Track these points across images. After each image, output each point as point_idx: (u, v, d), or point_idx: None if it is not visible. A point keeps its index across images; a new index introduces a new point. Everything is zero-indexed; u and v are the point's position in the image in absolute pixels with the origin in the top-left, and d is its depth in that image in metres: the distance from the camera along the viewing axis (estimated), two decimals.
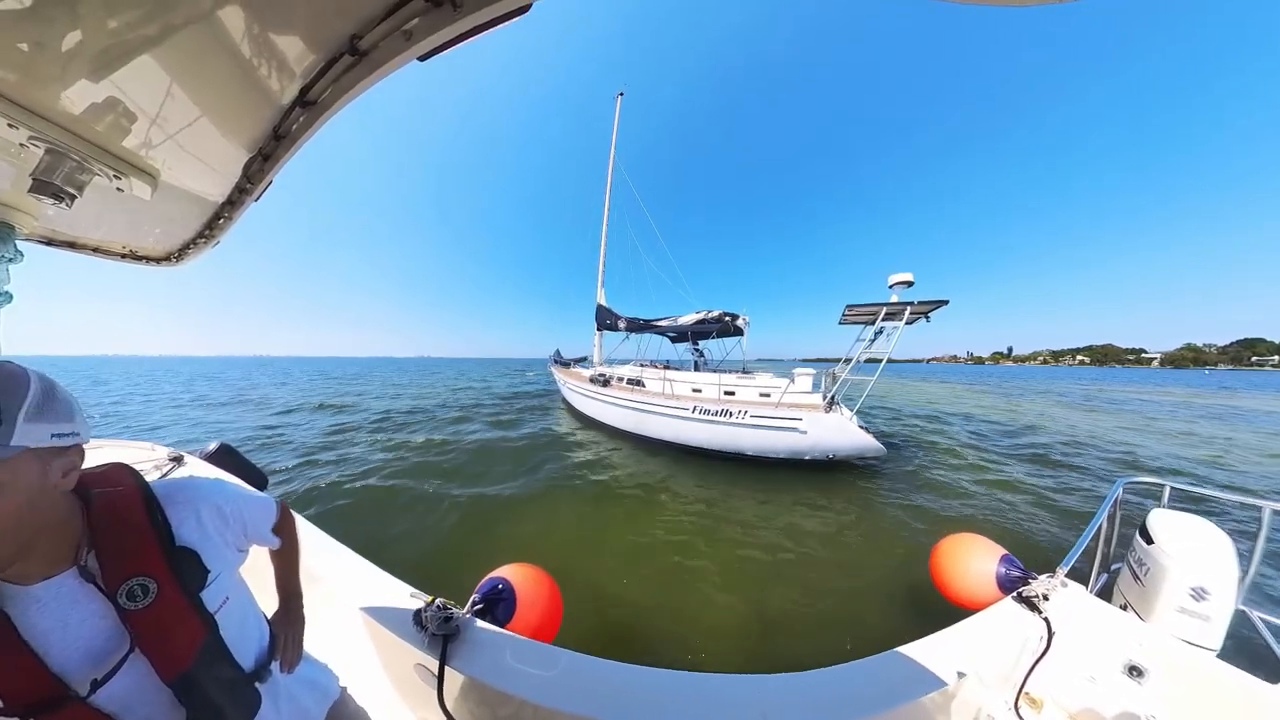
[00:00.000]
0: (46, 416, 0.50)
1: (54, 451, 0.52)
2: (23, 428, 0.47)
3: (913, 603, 2.80)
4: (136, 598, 0.57)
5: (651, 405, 7.34)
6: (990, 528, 4.13)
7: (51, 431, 0.50)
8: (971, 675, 1.13)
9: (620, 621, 2.65)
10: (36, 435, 0.48)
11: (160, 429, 9.30)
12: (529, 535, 3.94)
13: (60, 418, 0.52)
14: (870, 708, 0.96)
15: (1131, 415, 14.07)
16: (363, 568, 1.44)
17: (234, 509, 0.71)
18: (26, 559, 0.52)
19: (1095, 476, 6.11)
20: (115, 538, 0.58)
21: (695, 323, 8.66)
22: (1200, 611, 1.48)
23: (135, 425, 9.84)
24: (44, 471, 0.50)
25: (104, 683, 0.54)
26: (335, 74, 0.68)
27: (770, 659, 2.38)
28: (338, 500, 4.62)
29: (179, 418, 10.77)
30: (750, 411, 6.16)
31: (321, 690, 0.88)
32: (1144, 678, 1.19)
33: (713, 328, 8.59)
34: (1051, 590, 1.35)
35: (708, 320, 8.50)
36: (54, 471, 0.52)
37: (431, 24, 0.60)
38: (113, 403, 14.05)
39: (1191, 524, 1.60)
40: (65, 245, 1.13)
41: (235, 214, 1.05)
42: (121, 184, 0.78)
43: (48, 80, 0.57)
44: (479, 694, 1.04)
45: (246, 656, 0.72)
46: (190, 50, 0.59)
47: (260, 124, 0.77)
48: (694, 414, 6.64)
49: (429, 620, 1.10)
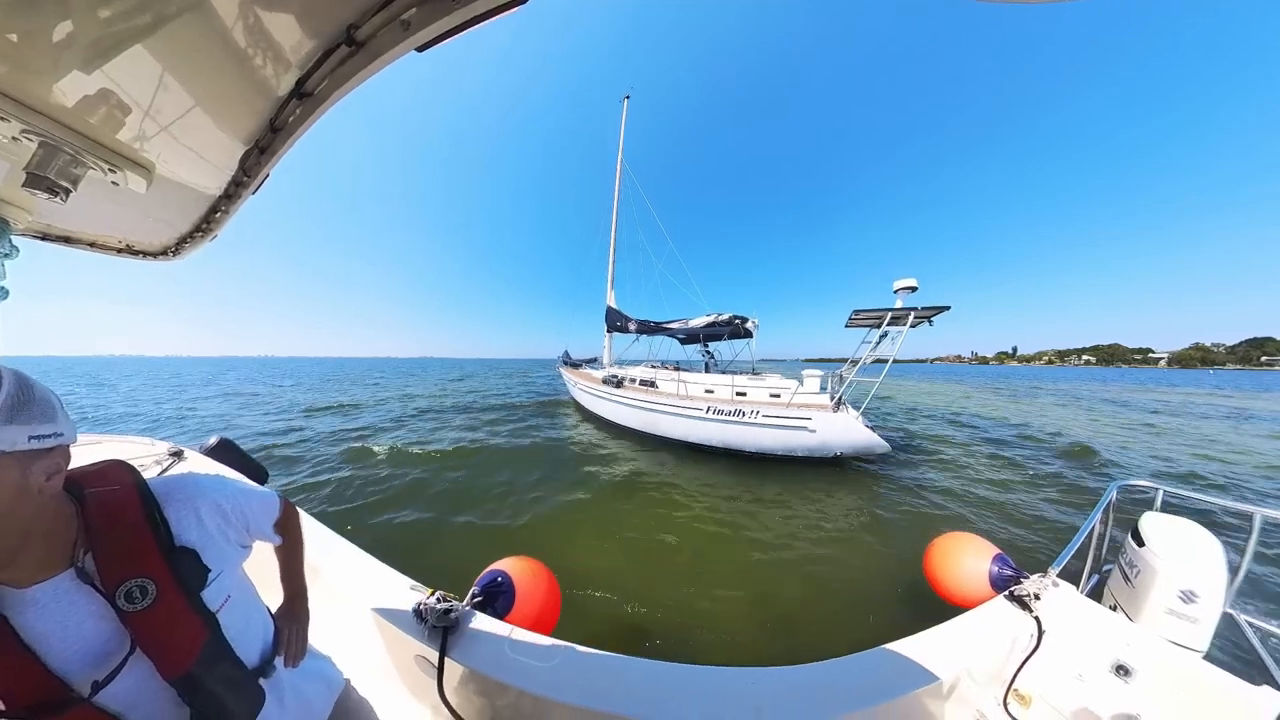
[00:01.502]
0: (22, 418, 0.48)
1: (34, 454, 0.49)
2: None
3: (910, 599, 2.84)
4: (135, 599, 0.56)
5: (665, 405, 7.54)
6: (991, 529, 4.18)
7: (29, 434, 0.48)
8: (962, 672, 1.16)
9: (636, 610, 2.72)
10: (11, 438, 0.47)
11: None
12: (542, 529, 4.02)
13: (39, 418, 0.50)
14: (864, 701, 0.98)
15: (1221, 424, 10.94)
16: (363, 560, 1.46)
17: (235, 505, 0.70)
18: (16, 564, 0.51)
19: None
20: (112, 538, 0.57)
21: (706, 325, 8.85)
22: (1188, 614, 1.50)
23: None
24: (23, 476, 0.48)
25: (106, 684, 0.54)
26: (332, 64, 0.67)
27: (775, 649, 2.43)
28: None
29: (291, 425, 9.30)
30: (762, 411, 6.37)
31: (325, 683, 0.89)
32: (1131, 677, 1.21)
33: (724, 330, 8.73)
34: (1043, 590, 1.37)
35: (718, 323, 8.67)
36: (35, 475, 0.50)
37: (429, 13, 0.58)
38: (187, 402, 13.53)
39: (1183, 528, 1.62)
40: (61, 240, 1.12)
41: (232, 207, 1.03)
42: (116, 178, 0.77)
43: (39, 72, 0.56)
44: (478, 685, 1.06)
45: (250, 652, 0.72)
46: (184, 40, 0.57)
47: (256, 116, 0.75)
48: (708, 414, 6.86)
49: (429, 612, 1.11)
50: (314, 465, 6.06)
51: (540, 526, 4.05)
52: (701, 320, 9.02)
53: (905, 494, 5.14)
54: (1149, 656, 1.21)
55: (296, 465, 6.06)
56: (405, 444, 7.38)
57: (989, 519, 4.41)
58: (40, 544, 0.52)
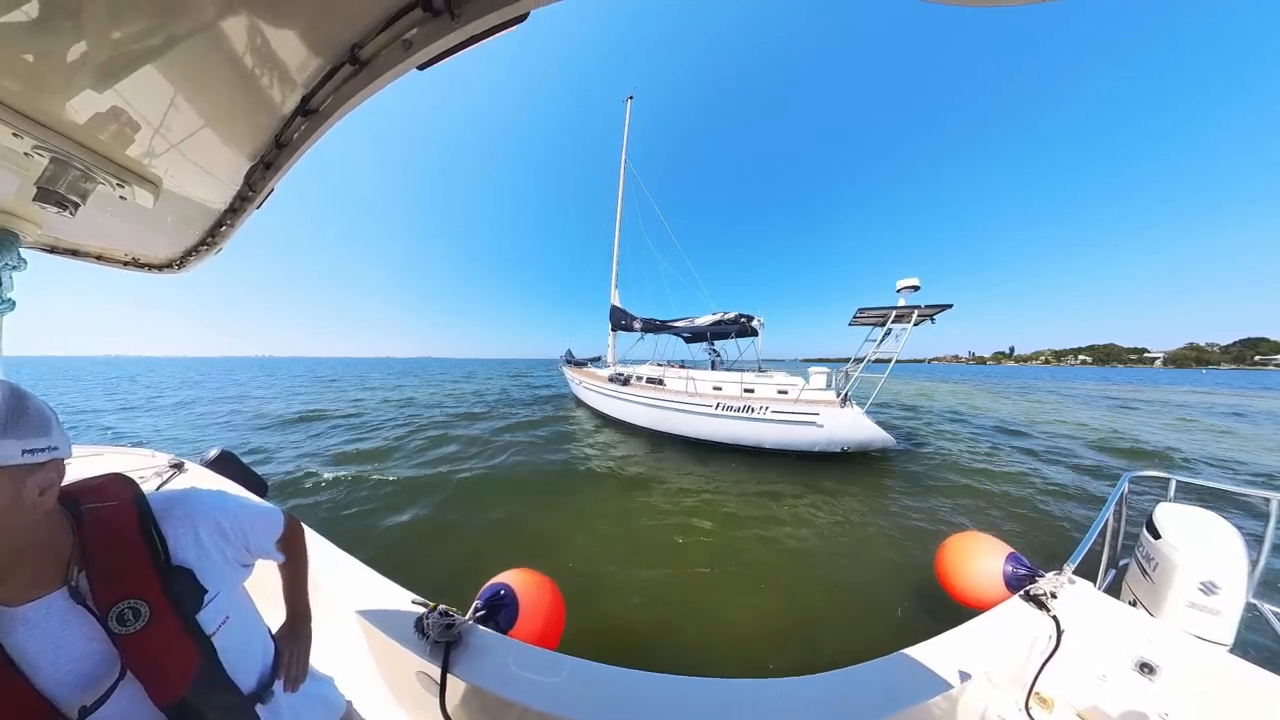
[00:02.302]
0: (15, 431, 0.47)
1: (27, 469, 0.48)
2: None
3: (920, 600, 2.78)
4: (128, 621, 0.54)
5: (675, 403, 7.64)
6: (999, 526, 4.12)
7: (23, 448, 0.47)
8: (980, 676, 1.12)
9: (646, 608, 2.71)
10: (4, 452, 0.45)
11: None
12: (552, 527, 4.00)
13: (32, 432, 0.48)
14: (877, 711, 0.95)
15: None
16: (364, 574, 1.43)
17: (235, 523, 0.68)
18: (8, 581, 0.50)
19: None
20: (107, 557, 0.55)
21: (713, 324, 8.96)
22: (1210, 606, 1.46)
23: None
24: (16, 490, 0.47)
25: (94, 709, 0.52)
26: (336, 83, 0.69)
27: (791, 654, 2.38)
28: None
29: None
30: (771, 407, 6.55)
31: (326, 707, 0.86)
32: (1155, 675, 1.17)
33: (731, 329, 8.85)
34: (1059, 588, 1.34)
35: (724, 321, 8.80)
36: (29, 490, 0.48)
37: (430, 34, 0.61)
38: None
39: (1199, 517, 1.59)
40: (68, 253, 1.14)
41: (237, 221, 1.06)
42: (124, 193, 0.79)
43: (53, 90, 0.58)
44: (481, 702, 1.02)
45: (248, 676, 0.69)
46: (193, 60, 0.60)
47: (262, 132, 0.78)
48: (718, 410, 6.99)
49: (431, 627, 1.08)
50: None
51: (542, 530, 3.98)
52: (708, 319, 9.12)
53: (916, 488, 5.16)
54: (1173, 652, 1.17)
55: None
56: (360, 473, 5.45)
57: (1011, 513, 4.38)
58: (33, 561, 0.51)
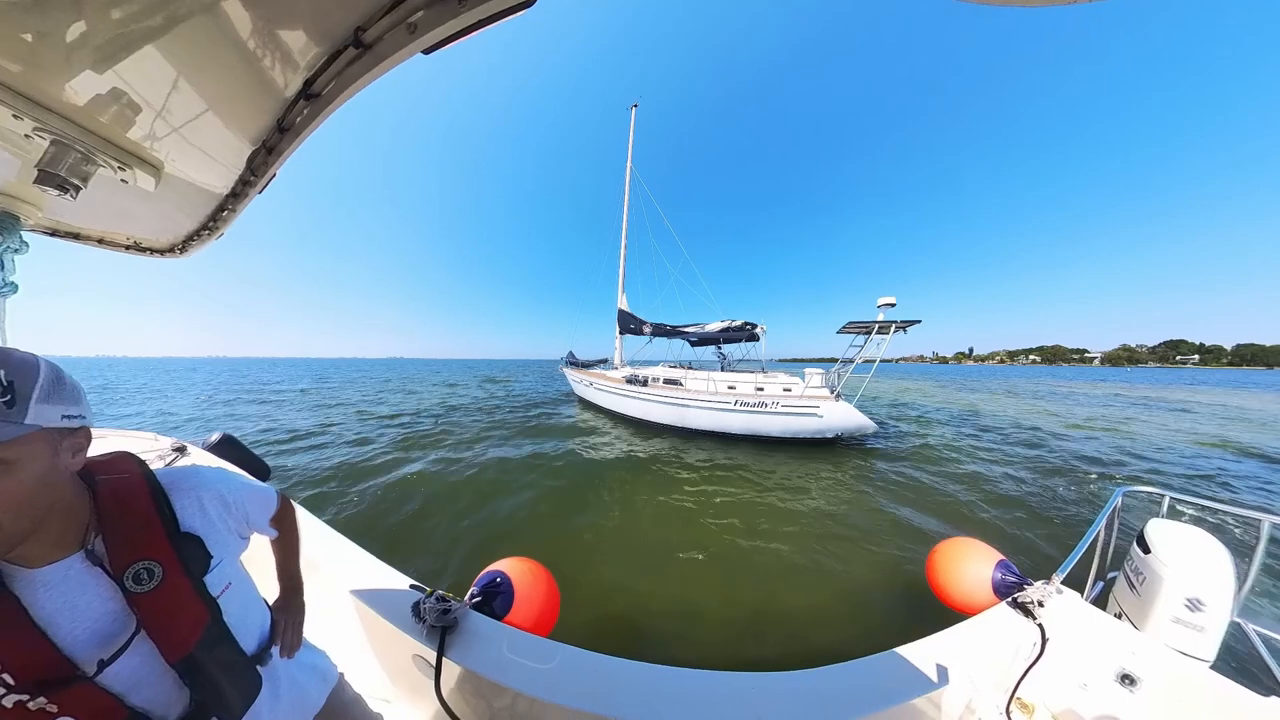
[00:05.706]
0: (56, 398, 0.52)
1: (64, 432, 0.54)
2: (35, 408, 0.50)
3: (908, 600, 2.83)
4: (143, 581, 0.58)
5: (695, 400, 8.83)
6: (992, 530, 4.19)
7: (62, 413, 0.53)
8: (964, 678, 1.14)
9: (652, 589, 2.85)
10: (48, 415, 0.51)
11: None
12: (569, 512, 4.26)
13: (68, 400, 0.54)
14: (864, 707, 0.97)
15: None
16: (362, 558, 1.46)
17: (236, 497, 0.73)
18: (37, 538, 0.54)
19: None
20: (122, 522, 0.59)
21: (722, 330, 10.22)
22: (1195, 622, 1.47)
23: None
24: (55, 450, 0.53)
25: (110, 662, 0.56)
26: (339, 66, 0.67)
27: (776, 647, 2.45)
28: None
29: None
30: (781, 402, 7.95)
31: (320, 675, 0.90)
32: (1136, 686, 1.19)
33: (740, 336, 10.03)
34: (1047, 597, 1.35)
35: (732, 328, 10.10)
36: (64, 451, 0.54)
37: (436, 17, 0.59)
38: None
39: (1189, 535, 1.59)
40: (69, 236, 1.13)
41: (239, 206, 1.04)
42: (126, 176, 0.78)
43: (52, 71, 0.57)
44: (475, 685, 1.05)
45: (248, 640, 0.74)
46: (194, 42, 0.58)
47: (264, 116, 0.76)
48: (735, 406, 8.33)
49: (427, 612, 1.11)
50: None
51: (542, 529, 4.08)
52: (717, 325, 10.44)
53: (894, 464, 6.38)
54: (1155, 665, 1.19)
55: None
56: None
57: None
58: (60, 521, 0.56)
